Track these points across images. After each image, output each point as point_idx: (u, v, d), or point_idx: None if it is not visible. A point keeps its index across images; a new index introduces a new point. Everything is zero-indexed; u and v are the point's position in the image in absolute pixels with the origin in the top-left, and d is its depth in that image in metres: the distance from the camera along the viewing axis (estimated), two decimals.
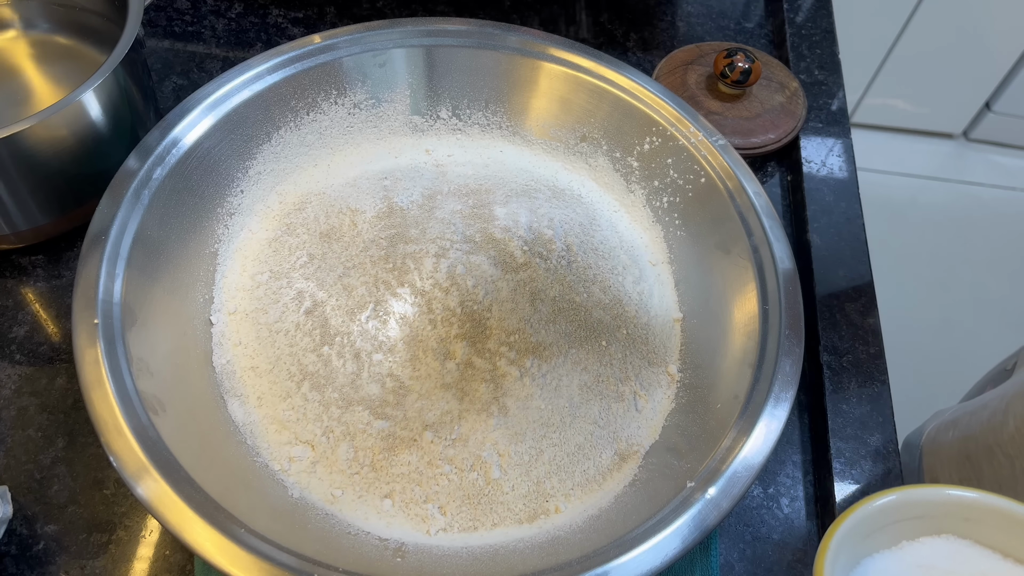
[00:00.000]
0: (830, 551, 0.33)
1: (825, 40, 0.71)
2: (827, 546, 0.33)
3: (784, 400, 0.42)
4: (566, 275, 0.49)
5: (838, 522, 0.34)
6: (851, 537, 0.34)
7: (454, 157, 0.57)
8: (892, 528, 0.35)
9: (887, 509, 0.35)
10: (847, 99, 0.68)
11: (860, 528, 0.34)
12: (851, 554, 0.34)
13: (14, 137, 0.46)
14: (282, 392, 0.45)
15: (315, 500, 0.42)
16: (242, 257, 0.51)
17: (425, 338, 0.45)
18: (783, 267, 0.47)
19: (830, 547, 0.33)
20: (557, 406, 0.45)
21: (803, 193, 0.61)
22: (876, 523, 0.35)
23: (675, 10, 0.74)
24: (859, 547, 0.35)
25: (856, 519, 0.34)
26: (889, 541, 0.35)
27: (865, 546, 0.35)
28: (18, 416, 0.48)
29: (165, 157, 0.47)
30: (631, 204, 0.56)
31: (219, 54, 0.67)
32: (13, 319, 0.52)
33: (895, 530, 0.35)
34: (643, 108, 0.54)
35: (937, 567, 0.34)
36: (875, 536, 0.35)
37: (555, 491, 0.43)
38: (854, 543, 0.34)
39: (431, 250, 0.48)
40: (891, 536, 0.35)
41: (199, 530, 0.36)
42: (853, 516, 0.34)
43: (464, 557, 0.41)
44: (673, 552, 0.37)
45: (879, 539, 0.35)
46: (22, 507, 0.45)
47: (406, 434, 0.43)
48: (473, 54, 0.56)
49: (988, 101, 1.62)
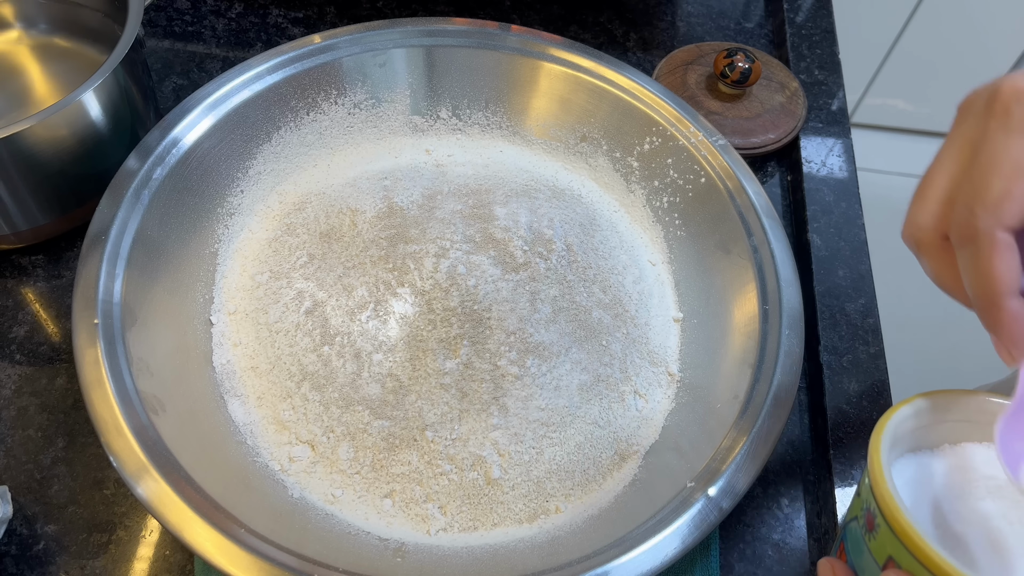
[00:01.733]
0: (887, 430, 0.33)
1: (825, 40, 0.71)
2: (884, 425, 0.33)
3: (784, 400, 0.42)
4: (566, 275, 0.49)
5: (897, 406, 0.34)
6: (904, 425, 0.34)
7: (454, 157, 0.57)
8: (938, 428, 0.35)
9: (942, 405, 0.35)
10: (847, 99, 0.68)
11: (913, 419, 0.35)
12: (895, 450, 0.35)
13: (14, 137, 0.46)
14: (282, 392, 0.45)
15: (315, 500, 0.42)
16: (242, 257, 0.51)
17: (425, 338, 0.45)
18: (783, 267, 0.47)
19: (887, 427, 0.33)
20: (557, 406, 0.45)
21: (803, 193, 0.61)
22: (927, 419, 0.35)
23: (675, 10, 0.74)
24: (902, 443, 0.35)
25: (915, 407, 0.34)
26: (932, 442, 0.36)
27: (910, 441, 0.35)
28: (18, 416, 0.48)
29: (165, 157, 0.47)
30: (631, 204, 0.56)
31: (219, 54, 0.67)
32: (13, 319, 0.52)
33: (940, 431, 0.36)
34: (643, 108, 0.54)
35: (977, 470, 0.34)
36: (919, 433, 0.35)
37: (555, 491, 0.43)
38: (899, 438, 0.35)
39: (431, 250, 0.48)
40: (935, 437, 0.36)
41: (199, 530, 0.36)
42: (913, 404, 0.34)
43: (464, 557, 0.41)
44: (673, 552, 0.37)
45: (922, 438, 0.35)
46: (22, 507, 0.45)
47: (406, 434, 0.43)
48: (473, 54, 0.56)
49: None
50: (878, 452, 0.32)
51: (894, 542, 0.30)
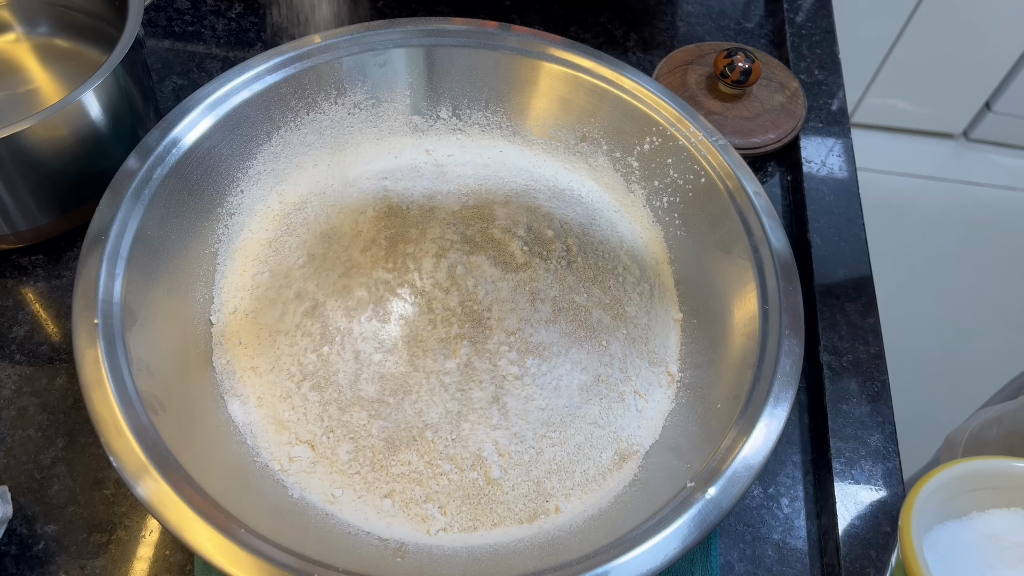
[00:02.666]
0: (916, 507, 0.33)
1: (825, 40, 0.71)
2: (912, 502, 0.34)
3: (784, 400, 0.42)
4: (566, 275, 0.49)
5: (923, 481, 0.34)
6: (932, 499, 0.35)
7: (454, 157, 0.57)
8: (964, 498, 0.36)
9: (967, 475, 0.35)
10: (847, 99, 0.68)
11: (940, 492, 0.35)
12: (927, 518, 0.35)
13: (14, 137, 0.46)
14: (282, 392, 0.45)
15: (315, 500, 0.42)
16: (242, 257, 0.51)
17: (425, 338, 0.45)
18: (783, 267, 0.47)
19: (916, 503, 0.33)
20: (557, 406, 0.45)
21: (803, 193, 0.61)
22: (954, 489, 0.35)
23: (675, 10, 0.74)
24: (934, 513, 0.35)
25: (940, 480, 0.35)
26: (959, 511, 0.36)
27: (938, 513, 0.36)
28: (18, 416, 0.48)
29: (165, 157, 0.47)
30: (631, 204, 0.56)
31: (219, 54, 0.67)
32: (13, 319, 0.52)
33: (966, 500, 0.36)
34: (643, 108, 0.54)
35: (1006, 538, 0.35)
36: (947, 505, 0.35)
37: (555, 491, 0.43)
38: (932, 507, 0.35)
39: (431, 250, 0.48)
40: (961, 506, 0.36)
41: (199, 530, 0.36)
42: (939, 476, 0.35)
43: (464, 557, 0.41)
44: (673, 552, 0.37)
45: (950, 508, 0.36)
46: (22, 507, 0.45)
47: (406, 434, 0.43)
48: (473, 54, 0.56)
49: (988, 101, 1.62)
50: (908, 529, 0.33)
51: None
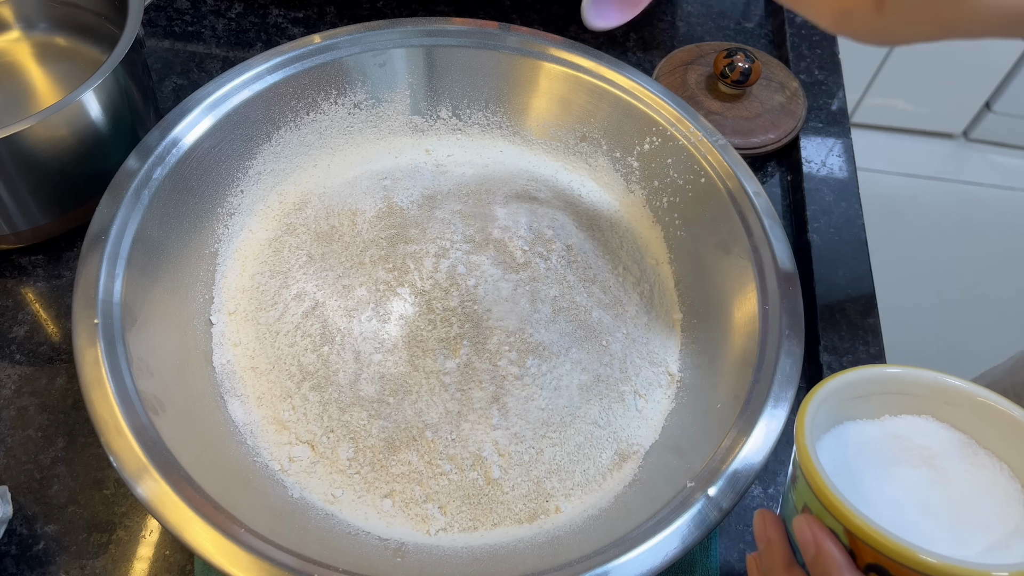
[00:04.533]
0: (812, 404, 0.35)
1: (825, 40, 0.71)
2: (810, 399, 0.35)
3: (784, 400, 0.42)
4: (566, 275, 0.49)
5: (825, 381, 0.36)
6: (835, 397, 0.36)
7: (454, 157, 0.57)
8: (876, 399, 0.37)
9: (872, 379, 0.37)
10: (847, 99, 0.68)
11: (844, 391, 0.36)
12: (834, 414, 0.37)
13: (14, 137, 0.46)
14: (282, 392, 0.45)
15: (315, 500, 0.42)
16: (242, 257, 0.51)
17: (425, 338, 0.45)
18: (783, 267, 0.47)
19: (813, 400, 0.35)
20: (557, 406, 0.45)
21: (803, 193, 0.61)
22: (861, 389, 0.37)
23: (675, 10, 0.74)
24: (842, 409, 0.37)
25: (842, 381, 0.36)
26: (871, 412, 0.37)
27: (848, 410, 0.37)
28: (18, 416, 0.48)
29: (165, 157, 0.47)
30: (631, 204, 0.56)
31: (219, 54, 0.67)
32: (13, 319, 0.52)
33: (879, 402, 0.37)
34: (643, 108, 0.54)
35: (912, 440, 0.36)
36: (858, 403, 0.37)
37: (555, 491, 0.43)
38: (838, 404, 0.36)
39: (431, 250, 0.48)
40: (874, 407, 0.37)
41: (199, 530, 0.36)
42: (841, 377, 0.36)
43: (464, 557, 0.41)
44: (673, 552, 0.37)
45: (862, 408, 0.37)
46: (22, 507, 0.45)
47: (406, 434, 0.43)
48: (473, 54, 0.56)
49: (988, 101, 1.62)
50: (805, 410, 0.35)
51: (807, 491, 0.33)
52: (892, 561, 0.30)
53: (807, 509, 0.34)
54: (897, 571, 0.30)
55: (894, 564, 0.30)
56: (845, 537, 0.32)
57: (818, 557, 0.32)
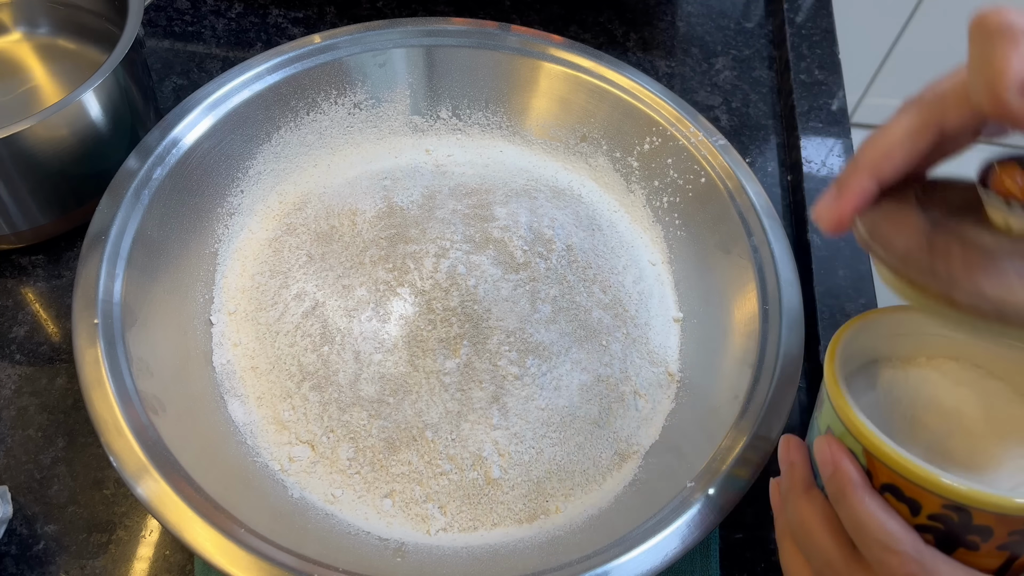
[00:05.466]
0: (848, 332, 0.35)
1: (825, 40, 0.71)
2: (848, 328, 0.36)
3: (784, 400, 0.42)
4: (566, 275, 0.49)
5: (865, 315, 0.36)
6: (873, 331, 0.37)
7: (454, 157, 0.57)
8: (913, 339, 0.37)
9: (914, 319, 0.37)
10: (847, 99, 0.68)
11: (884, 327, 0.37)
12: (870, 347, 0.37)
13: (14, 137, 0.46)
14: (282, 392, 0.45)
15: (315, 500, 0.42)
16: (242, 257, 0.51)
17: (425, 338, 0.45)
18: (783, 267, 0.47)
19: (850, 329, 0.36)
20: (557, 406, 0.45)
21: (803, 193, 0.61)
22: (900, 328, 0.37)
23: (675, 10, 0.74)
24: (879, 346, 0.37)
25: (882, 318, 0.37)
26: (909, 350, 0.37)
27: (884, 348, 0.37)
28: (18, 416, 0.48)
29: (165, 157, 0.48)
30: (631, 204, 0.56)
31: (219, 54, 0.67)
32: (13, 319, 0.52)
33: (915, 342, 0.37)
34: (643, 108, 0.54)
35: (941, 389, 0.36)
36: (899, 340, 0.37)
37: (555, 491, 0.43)
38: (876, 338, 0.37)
39: (431, 250, 0.48)
40: (912, 346, 0.37)
41: (199, 530, 0.36)
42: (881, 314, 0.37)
43: (464, 557, 0.41)
44: (673, 552, 0.37)
45: (900, 345, 0.37)
46: (22, 507, 0.45)
47: (406, 434, 0.43)
48: (473, 54, 0.56)
49: None
50: (838, 340, 0.35)
51: (831, 411, 0.33)
52: (907, 481, 0.30)
53: (830, 431, 0.34)
54: (911, 491, 0.30)
55: (909, 484, 0.30)
56: (864, 457, 0.32)
57: (834, 475, 0.32)
